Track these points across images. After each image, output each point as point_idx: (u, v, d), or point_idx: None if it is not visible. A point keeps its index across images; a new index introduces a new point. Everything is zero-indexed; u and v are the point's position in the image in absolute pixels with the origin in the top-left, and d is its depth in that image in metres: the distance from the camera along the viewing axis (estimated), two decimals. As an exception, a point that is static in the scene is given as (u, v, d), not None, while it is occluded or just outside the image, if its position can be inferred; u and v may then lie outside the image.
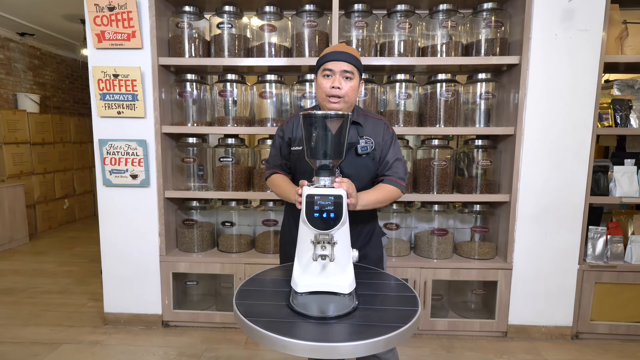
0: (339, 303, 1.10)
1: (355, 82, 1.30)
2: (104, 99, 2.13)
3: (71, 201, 5.08)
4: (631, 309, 2.20)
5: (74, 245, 4.07)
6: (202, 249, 2.32)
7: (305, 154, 1.17)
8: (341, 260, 1.16)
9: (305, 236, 1.18)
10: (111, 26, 2.07)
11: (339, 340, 0.92)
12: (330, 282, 1.16)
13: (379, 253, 1.49)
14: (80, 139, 5.28)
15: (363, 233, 1.45)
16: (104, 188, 2.22)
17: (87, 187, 5.42)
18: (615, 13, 2.10)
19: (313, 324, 0.99)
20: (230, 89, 2.20)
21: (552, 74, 2.03)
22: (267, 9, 2.11)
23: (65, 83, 5.69)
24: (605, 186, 2.18)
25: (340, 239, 1.14)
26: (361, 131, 1.36)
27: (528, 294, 2.19)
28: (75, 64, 5.82)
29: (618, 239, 2.21)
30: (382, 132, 1.37)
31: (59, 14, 4.10)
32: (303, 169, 1.38)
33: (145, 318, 2.31)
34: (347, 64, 1.27)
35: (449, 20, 2.09)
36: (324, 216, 1.10)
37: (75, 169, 5.18)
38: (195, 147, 2.29)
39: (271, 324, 0.96)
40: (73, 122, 5.15)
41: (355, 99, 1.33)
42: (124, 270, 2.28)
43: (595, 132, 2.07)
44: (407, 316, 1.03)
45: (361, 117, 1.38)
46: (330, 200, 1.10)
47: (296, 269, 1.21)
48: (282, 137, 1.43)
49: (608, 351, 2.13)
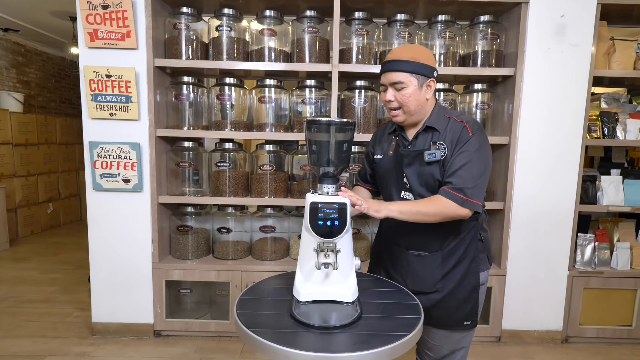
0: (342, 312, 1.09)
1: (411, 88, 1.20)
2: (95, 100, 2.09)
3: (56, 205, 4.93)
4: (617, 313, 2.27)
5: (59, 251, 3.94)
6: (197, 256, 2.28)
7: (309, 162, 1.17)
8: (344, 269, 1.16)
9: (308, 244, 1.17)
10: (105, 25, 2.03)
11: (344, 350, 0.91)
12: (333, 290, 1.16)
13: (470, 297, 1.28)
14: (66, 140, 5.15)
15: (449, 262, 1.26)
16: (94, 192, 2.16)
17: (73, 190, 5.28)
18: (604, 30, 2.18)
19: (317, 333, 0.98)
20: (229, 92, 2.18)
21: (545, 86, 2.08)
22: (268, 13, 2.11)
23: (52, 82, 5.54)
24: (594, 195, 2.25)
25: (343, 246, 1.14)
26: (437, 136, 1.23)
27: (521, 299, 2.23)
28: (63, 63, 5.68)
29: (605, 246, 2.27)
30: (459, 135, 1.19)
31: (47, 10, 4.00)
32: (381, 178, 1.38)
33: (136, 328, 2.25)
34: (396, 73, 1.20)
35: (447, 31, 2.13)
36: (328, 224, 1.09)
37: (60, 172, 5.03)
38: (191, 152, 2.26)
39: (274, 335, 0.95)
40: (59, 122, 5.02)
41: (418, 104, 1.22)
42: (114, 278, 2.21)
43: (584, 143, 2.13)
44: (411, 324, 1.03)
45: (441, 120, 1.24)
46: (334, 208, 1.10)
47: (298, 277, 1.20)
48: (370, 147, 1.46)
49: (596, 354, 2.18)
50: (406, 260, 1.32)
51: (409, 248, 1.32)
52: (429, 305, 1.28)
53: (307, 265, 1.18)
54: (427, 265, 1.29)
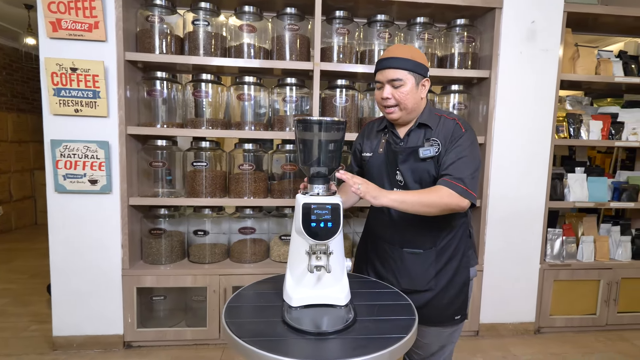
0: (337, 316, 1.06)
1: (408, 87, 1.21)
2: (58, 95, 1.92)
3: (6, 208, 4.54)
4: (583, 303, 2.41)
5: (11, 258, 3.62)
6: (171, 261, 2.17)
7: (299, 161, 1.13)
8: (336, 271, 1.13)
9: (298, 247, 1.13)
10: (69, 14, 1.88)
11: (344, 356, 0.88)
12: (325, 294, 1.12)
13: (460, 292, 1.30)
14: (19, 137, 4.75)
15: (442, 259, 1.28)
16: (56, 194, 2.00)
17: (27, 192, 4.88)
18: (569, 36, 2.30)
19: (312, 340, 0.95)
20: (205, 89, 2.09)
21: (518, 88, 2.17)
22: (247, 9, 2.04)
23: (2, 74, 5.08)
24: (561, 192, 2.37)
25: (335, 248, 1.11)
26: (429, 133, 1.24)
27: (496, 293, 2.30)
28: (16, 54, 5.23)
29: (572, 240, 2.41)
30: (452, 131, 1.21)
31: (-3, -3, 3.67)
32: (371, 176, 1.34)
33: (104, 340, 2.10)
34: (394, 70, 1.20)
35: (425, 33, 2.16)
36: (321, 225, 1.06)
37: (12, 172, 4.64)
38: (164, 150, 2.14)
39: (269, 344, 0.91)
40: (11, 118, 4.63)
41: (414, 102, 1.23)
42: (78, 287, 2.05)
43: (553, 143, 2.24)
44: (407, 326, 1.02)
45: (433, 117, 1.26)
46: (327, 209, 1.07)
47: (289, 281, 1.16)
48: (357, 144, 1.44)
49: (566, 343, 2.30)
50: (400, 259, 1.31)
51: (403, 246, 1.31)
52: (422, 303, 1.28)
53: (298, 268, 1.14)
54: (422, 262, 1.29)
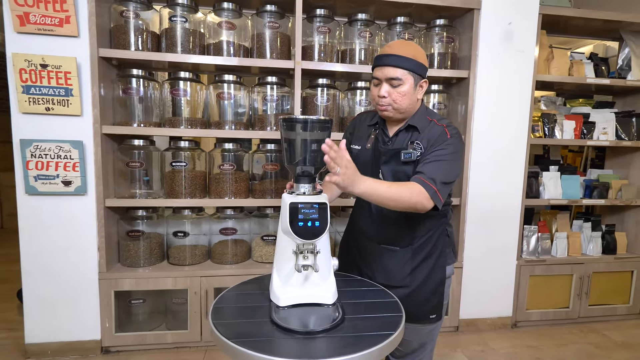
0: (324, 314, 1.06)
1: (407, 87, 1.19)
2: (27, 92, 1.83)
3: (-30, 211, 4.28)
4: (557, 297, 2.51)
5: (-24, 264, 3.43)
6: (150, 263, 2.10)
7: (285, 161, 1.12)
8: (323, 270, 1.13)
9: (285, 246, 1.12)
10: (38, 8, 1.79)
11: (334, 354, 0.88)
12: (313, 293, 1.12)
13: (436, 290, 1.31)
14: (-18, 137, 4.49)
15: (418, 257, 1.29)
16: (27, 197, 1.90)
17: (-9, 194, 4.62)
18: (544, 38, 2.39)
19: (301, 339, 0.94)
20: (184, 87, 2.03)
21: (496, 88, 2.23)
22: (225, 5, 2.00)
23: (-38, 71, 4.79)
24: (537, 190, 2.45)
25: (322, 247, 1.11)
26: (415, 136, 1.23)
27: (476, 289, 2.36)
28: (-23, 50, 4.94)
29: (546, 236, 2.50)
30: (437, 136, 1.20)
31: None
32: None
33: (80, 346, 2.01)
34: (394, 69, 1.17)
35: (406, 33, 2.18)
36: (308, 225, 1.05)
37: (-25, 174, 4.38)
38: (142, 150, 2.07)
39: (258, 344, 0.89)
40: (-27, 118, 4.36)
41: (410, 103, 1.21)
42: (52, 292, 1.96)
43: (529, 142, 2.32)
44: (394, 322, 1.03)
45: (423, 121, 1.25)
46: (314, 208, 1.06)
47: (275, 281, 1.15)
48: (347, 134, 1.42)
49: (542, 336, 2.38)
50: (378, 255, 1.33)
51: (381, 242, 1.32)
52: (398, 299, 1.29)
53: (285, 268, 1.13)
54: (398, 259, 1.30)
